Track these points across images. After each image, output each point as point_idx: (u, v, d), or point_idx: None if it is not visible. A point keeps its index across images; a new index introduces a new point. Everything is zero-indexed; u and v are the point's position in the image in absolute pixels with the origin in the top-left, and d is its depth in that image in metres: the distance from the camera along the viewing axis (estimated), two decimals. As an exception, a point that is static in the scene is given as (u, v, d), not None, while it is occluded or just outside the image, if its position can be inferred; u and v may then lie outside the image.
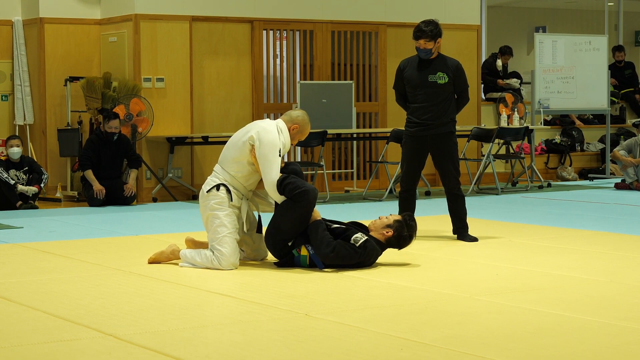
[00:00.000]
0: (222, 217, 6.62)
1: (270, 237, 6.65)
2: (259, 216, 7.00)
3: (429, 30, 7.81)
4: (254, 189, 6.89)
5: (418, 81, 7.88)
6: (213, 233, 6.65)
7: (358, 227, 6.75)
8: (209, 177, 6.82)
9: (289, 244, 6.61)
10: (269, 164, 6.56)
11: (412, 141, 7.98)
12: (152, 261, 6.83)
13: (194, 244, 6.92)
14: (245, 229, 6.81)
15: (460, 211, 7.97)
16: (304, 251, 6.57)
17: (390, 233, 6.63)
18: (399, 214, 6.88)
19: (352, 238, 6.48)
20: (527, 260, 6.92)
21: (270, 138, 6.59)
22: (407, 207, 7.99)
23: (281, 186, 6.52)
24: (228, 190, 6.67)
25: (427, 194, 12.07)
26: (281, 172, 6.62)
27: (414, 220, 6.73)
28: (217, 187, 6.69)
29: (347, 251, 6.44)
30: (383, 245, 6.68)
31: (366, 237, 6.54)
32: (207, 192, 6.71)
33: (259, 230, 6.95)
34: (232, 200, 6.66)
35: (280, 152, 6.60)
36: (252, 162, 6.66)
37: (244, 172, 6.71)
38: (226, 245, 6.58)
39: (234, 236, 6.63)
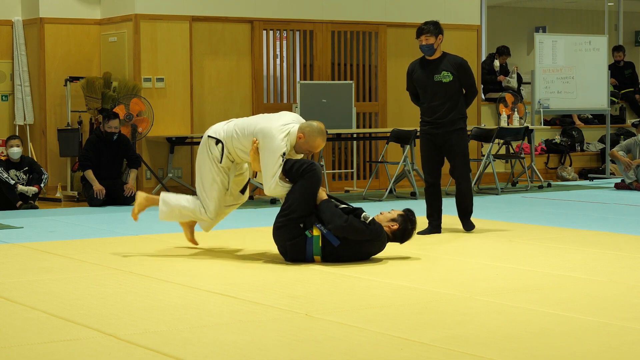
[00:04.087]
0: (214, 171, 6.97)
1: (283, 222, 6.70)
2: (249, 179, 7.29)
3: (428, 27, 8.17)
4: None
5: (425, 82, 8.25)
6: (205, 185, 6.99)
7: None
8: (221, 123, 7.07)
9: (301, 225, 6.67)
10: (267, 171, 6.74)
11: (426, 139, 8.37)
12: (136, 214, 7.41)
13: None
14: (231, 191, 7.12)
15: (463, 203, 8.38)
16: (316, 231, 6.66)
17: (396, 226, 6.81)
18: (401, 210, 6.97)
19: (362, 215, 6.67)
20: (527, 260, 6.92)
21: (274, 145, 6.74)
22: (434, 201, 8.36)
23: (291, 173, 6.69)
24: (222, 153, 6.94)
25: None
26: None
27: (414, 216, 6.93)
28: (217, 141, 6.96)
29: (360, 224, 6.62)
30: (387, 238, 6.83)
31: (374, 217, 6.74)
32: (209, 136, 7.01)
33: (243, 190, 7.25)
34: (221, 162, 6.95)
35: (283, 157, 6.73)
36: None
37: (247, 150, 6.91)
38: (213, 201, 6.98)
39: (221, 194, 6.99)
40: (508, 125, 13.36)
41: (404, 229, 6.83)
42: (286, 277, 6.31)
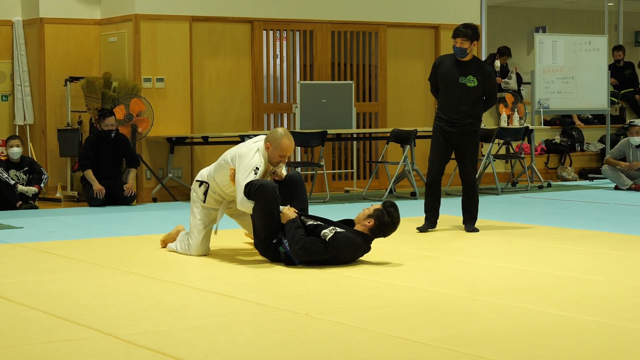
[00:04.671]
0: (196, 212, 7.22)
1: (257, 243, 6.93)
2: None
3: (467, 31, 8.30)
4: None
5: (449, 80, 8.40)
6: (191, 225, 7.25)
7: (345, 224, 6.79)
8: (206, 168, 7.34)
9: (274, 241, 6.78)
10: (239, 186, 6.87)
11: (440, 136, 8.49)
12: (163, 242, 7.52)
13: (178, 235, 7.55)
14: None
15: (470, 205, 8.51)
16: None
17: (372, 223, 6.67)
18: (380, 204, 6.81)
19: (321, 234, 6.58)
20: (527, 260, 6.92)
21: (245, 162, 6.89)
22: (434, 196, 8.49)
23: (248, 193, 6.76)
24: (205, 192, 7.18)
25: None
26: (282, 182, 6.97)
27: (394, 206, 6.74)
28: (200, 183, 7.25)
29: (317, 246, 6.54)
30: (368, 237, 6.71)
31: (336, 231, 6.58)
32: (196, 180, 7.31)
33: None
34: (204, 202, 7.19)
35: (256, 171, 6.82)
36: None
37: (224, 183, 7.11)
38: (194, 237, 7.20)
39: (203, 229, 7.19)
40: (508, 125, 13.36)
41: (380, 223, 6.65)
42: (286, 277, 6.32)
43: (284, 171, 7.12)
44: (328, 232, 6.58)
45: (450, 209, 9.20)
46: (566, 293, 5.76)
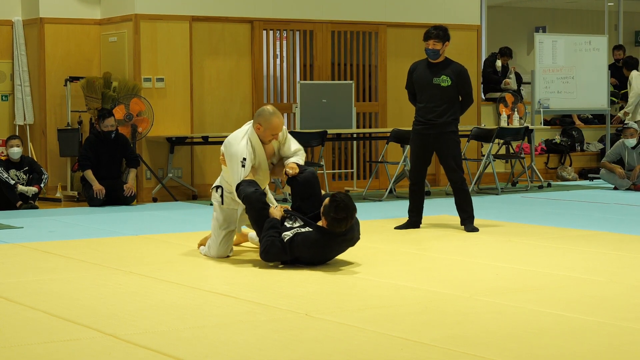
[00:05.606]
0: (215, 216, 7.19)
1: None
2: None
3: (438, 32, 8.45)
4: None
5: (424, 83, 8.54)
6: (213, 230, 7.18)
7: (313, 219, 6.70)
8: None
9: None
10: (231, 175, 6.93)
11: (417, 139, 8.65)
12: (199, 244, 7.40)
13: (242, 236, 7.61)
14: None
15: (463, 204, 8.53)
16: None
17: (325, 222, 6.53)
18: (328, 198, 6.58)
19: (282, 235, 6.55)
20: (527, 260, 6.92)
21: (232, 150, 6.94)
22: (416, 198, 8.62)
23: (238, 196, 6.82)
24: (222, 195, 7.16)
25: (427, 193, 12.04)
26: (295, 179, 6.92)
27: (340, 197, 6.52)
28: (217, 188, 7.21)
29: (276, 248, 6.52)
30: (327, 231, 6.52)
31: (296, 232, 6.51)
32: (212, 187, 7.30)
33: None
34: (222, 204, 7.14)
35: (244, 162, 6.83)
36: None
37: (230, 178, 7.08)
38: (213, 239, 7.15)
39: (222, 231, 7.10)
40: (508, 125, 13.36)
41: (332, 220, 6.45)
42: (286, 277, 6.31)
43: (299, 160, 7.05)
44: (289, 234, 6.53)
45: (451, 209, 9.20)
46: (566, 293, 5.76)
